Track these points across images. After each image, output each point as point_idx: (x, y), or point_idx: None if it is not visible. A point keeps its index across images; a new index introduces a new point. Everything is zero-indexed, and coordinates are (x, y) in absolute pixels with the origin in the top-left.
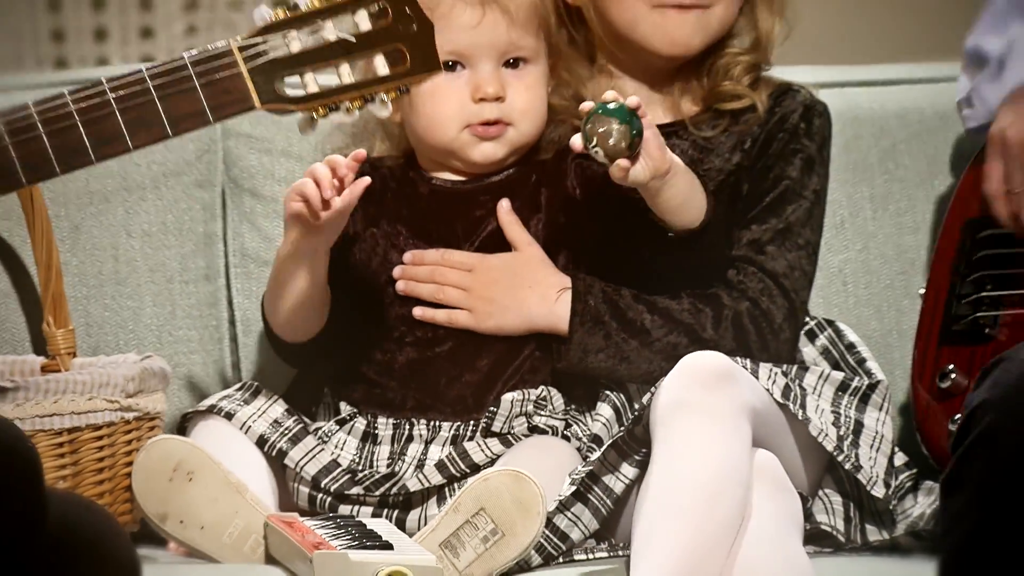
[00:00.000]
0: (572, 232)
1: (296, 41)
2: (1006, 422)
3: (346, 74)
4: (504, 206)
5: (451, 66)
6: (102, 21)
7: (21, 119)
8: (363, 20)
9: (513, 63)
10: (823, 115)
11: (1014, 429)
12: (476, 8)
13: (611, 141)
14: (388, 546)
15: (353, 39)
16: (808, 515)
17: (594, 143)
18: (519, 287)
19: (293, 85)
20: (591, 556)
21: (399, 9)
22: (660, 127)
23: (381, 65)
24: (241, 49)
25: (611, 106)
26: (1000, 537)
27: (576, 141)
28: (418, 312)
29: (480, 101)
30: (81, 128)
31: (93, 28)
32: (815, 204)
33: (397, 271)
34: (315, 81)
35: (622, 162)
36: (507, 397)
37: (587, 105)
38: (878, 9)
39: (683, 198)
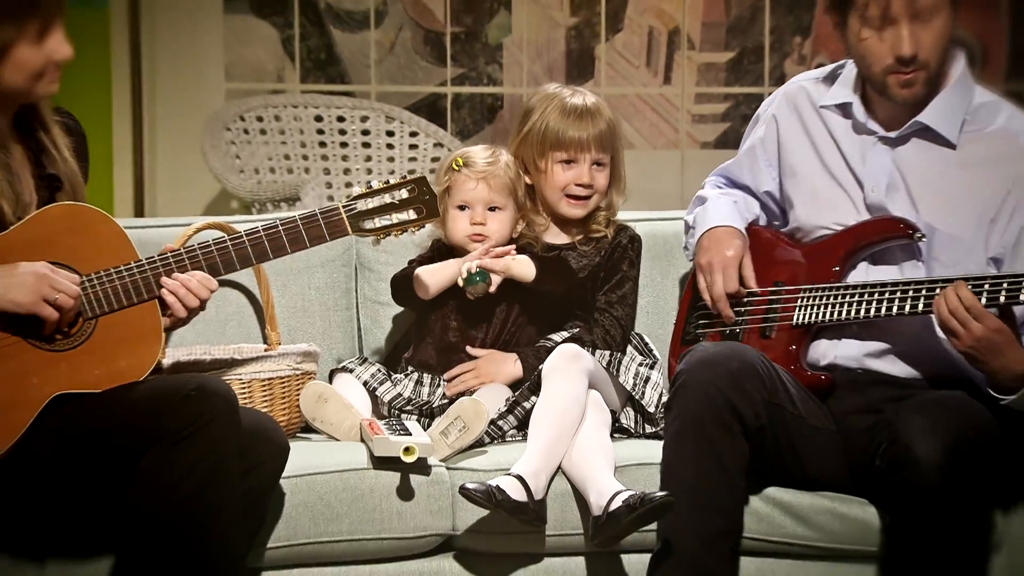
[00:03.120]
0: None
1: (371, 202)
2: (688, 379)
3: (395, 218)
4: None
5: (462, 208)
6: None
7: (238, 239)
8: (403, 193)
9: (492, 209)
10: (638, 240)
11: (692, 383)
12: (473, 181)
13: (476, 290)
14: (409, 433)
15: (398, 202)
16: (616, 420)
17: (471, 292)
18: (503, 363)
19: (369, 223)
20: (513, 440)
21: (421, 189)
22: (560, 245)
23: (411, 214)
24: (344, 207)
25: (475, 275)
26: (686, 434)
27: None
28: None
29: (474, 224)
30: (266, 243)
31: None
32: (635, 283)
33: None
34: (379, 221)
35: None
36: None
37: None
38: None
39: (523, 274)
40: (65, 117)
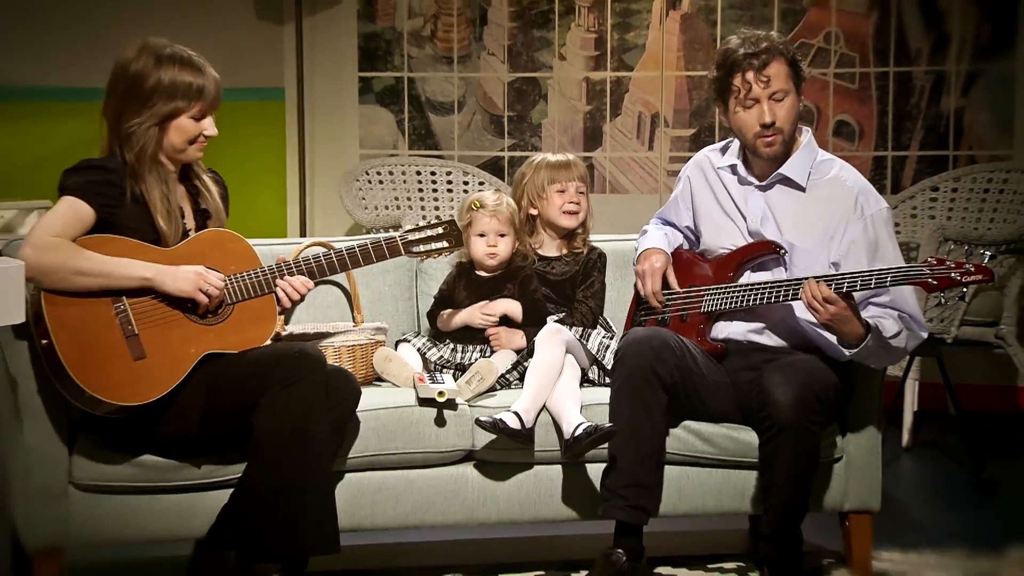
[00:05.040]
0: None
1: (418, 235)
2: (625, 353)
3: (433, 246)
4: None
5: (480, 235)
6: None
7: (328, 256)
8: (439, 230)
9: (501, 235)
10: (604, 255)
11: (627, 355)
12: (488, 217)
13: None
14: (443, 383)
15: (435, 235)
16: (584, 374)
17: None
18: (515, 335)
19: (416, 248)
20: (515, 387)
21: (450, 228)
22: (550, 257)
23: (443, 244)
24: (399, 237)
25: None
26: (623, 389)
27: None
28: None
29: (489, 247)
30: (347, 259)
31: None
32: (602, 284)
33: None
34: (422, 247)
35: None
36: None
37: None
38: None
39: (513, 314)
40: (214, 174)
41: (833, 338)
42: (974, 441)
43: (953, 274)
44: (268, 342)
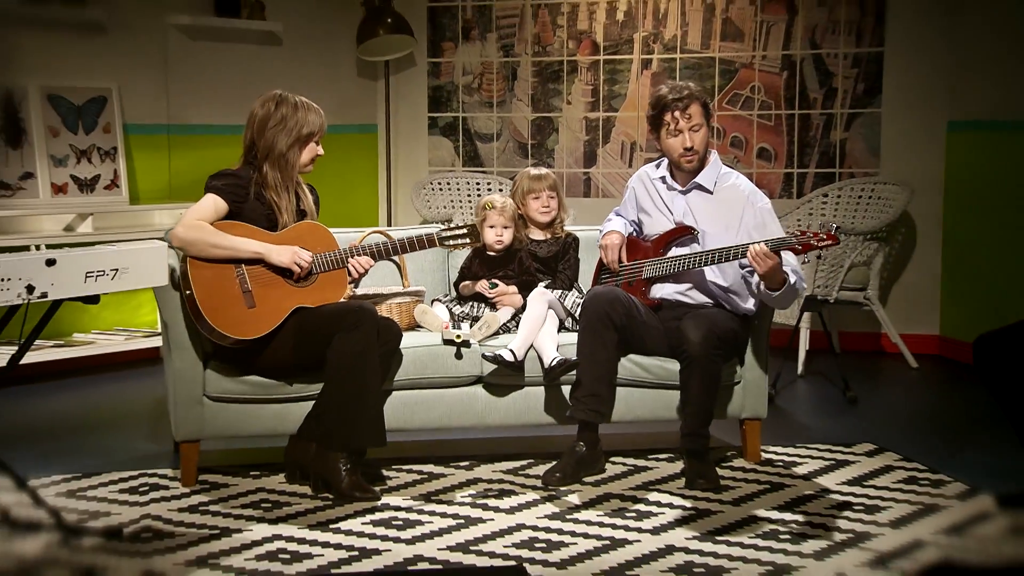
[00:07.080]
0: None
1: (448, 233)
2: (587, 304)
3: (459, 241)
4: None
5: (491, 227)
6: None
7: (384, 245)
8: (464, 230)
9: (505, 227)
10: (578, 239)
11: (589, 305)
12: (497, 215)
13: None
14: (460, 330)
15: (460, 235)
16: (561, 324)
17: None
18: (516, 296)
19: (447, 242)
20: (513, 332)
21: (472, 229)
22: (539, 240)
23: (466, 240)
24: (436, 234)
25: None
26: (586, 330)
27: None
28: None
29: (496, 236)
30: (398, 246)
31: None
32: (576, 260)
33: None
34: (451, 242)
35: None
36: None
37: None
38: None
39: (513, 303)
40: (310, 186)
41: (746, 302)
42: (845, 370)
43: (812, 240)
44: (342, 300)
